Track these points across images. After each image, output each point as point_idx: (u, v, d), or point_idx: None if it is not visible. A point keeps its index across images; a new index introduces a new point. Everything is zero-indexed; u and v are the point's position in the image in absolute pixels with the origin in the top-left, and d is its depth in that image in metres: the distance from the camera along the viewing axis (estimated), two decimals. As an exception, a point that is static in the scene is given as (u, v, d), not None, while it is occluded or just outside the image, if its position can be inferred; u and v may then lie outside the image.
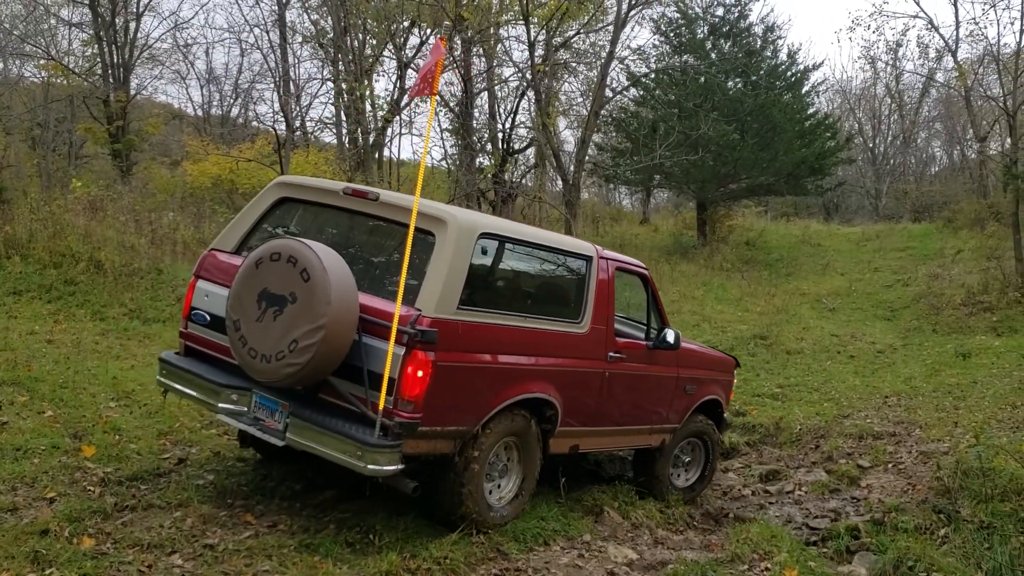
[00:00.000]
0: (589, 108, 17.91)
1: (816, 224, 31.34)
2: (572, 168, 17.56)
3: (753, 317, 17.91)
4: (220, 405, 5.31)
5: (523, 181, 24.96)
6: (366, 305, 5.02)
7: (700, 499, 7.97)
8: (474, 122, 22.64)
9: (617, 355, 6.54)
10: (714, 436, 8.07)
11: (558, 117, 22.41)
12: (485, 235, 5.47)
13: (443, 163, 23.58)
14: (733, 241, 26.29)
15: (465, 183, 20.34)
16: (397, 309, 4.88)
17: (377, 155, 21.92)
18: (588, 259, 6.40)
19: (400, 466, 4.91)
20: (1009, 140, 20.43)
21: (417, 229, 5.18)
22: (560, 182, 18.98)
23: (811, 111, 27.79)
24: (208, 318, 5.64)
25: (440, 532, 5.42)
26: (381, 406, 4.83)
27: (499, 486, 5.84)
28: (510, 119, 22.54)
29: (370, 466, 4.81)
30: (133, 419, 6.88)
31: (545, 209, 21.30)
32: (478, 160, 21.55)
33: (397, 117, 21.36)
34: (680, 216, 30.94)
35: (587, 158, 20.86)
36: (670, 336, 6.96)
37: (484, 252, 5.50)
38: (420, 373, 4.87)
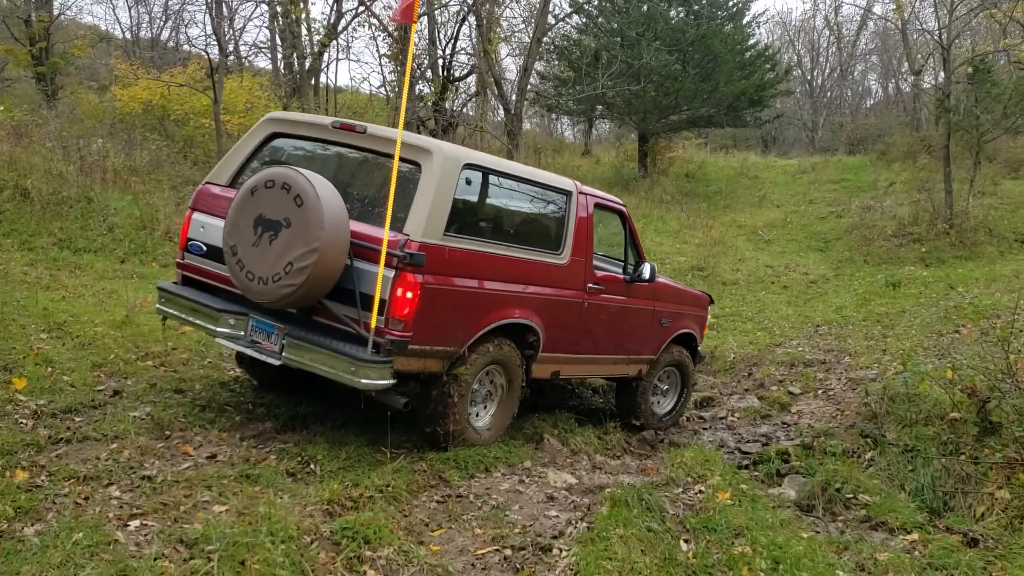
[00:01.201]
0: (531, 35, 17.64)
1: (754, 157, 31.64)
2: (514, 97, 17.35)
3: (691, 249, 18.14)
4: (218, 329, 5.58)
5: (464, 110, 24.64)
6: (356, 231, 5.25)
7: (661, 427, 8.15)
8: (414, 48, 22.17)
9: (595, 286, 6.83)
10: (689, 366, 8.42)
11: (499, 44, 22.09)
12: (469, 166, 5.72)
13: (382, 90, 23.12)
14: (673, 173, 26.43)
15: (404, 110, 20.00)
16: (386, 233, 5.11)
17: (313, 81, 21.39)
18: (568, 194, 6.66)
19: (392, 381, 5.20)
20: (943, 74, 20.77)
21: (404, 160, 5.42)
22: (502, 111, 18.77)
23: (751, 42, 27.80)
24: (204, 248, 5.90)
25: (381, 461, 5.45)
26: (373, 325, 5.10)
27: (483, 409, 6.21)
28: (450, 45, 22.14)
29: (363, 380, 5.08)
30: (66, 351, 6.73)
31: (487, 139, 21.09)
32: (418, 87, 21.16)
33: (334, 42, 20.80)
34: (622, 148, 30.91)
35: (529, 87, 20.63)
36: (646, 271, 7.28)
37: (468, 183, 5.73)
38: (409, 294, 5.16)
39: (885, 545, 5.15)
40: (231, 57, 21.41)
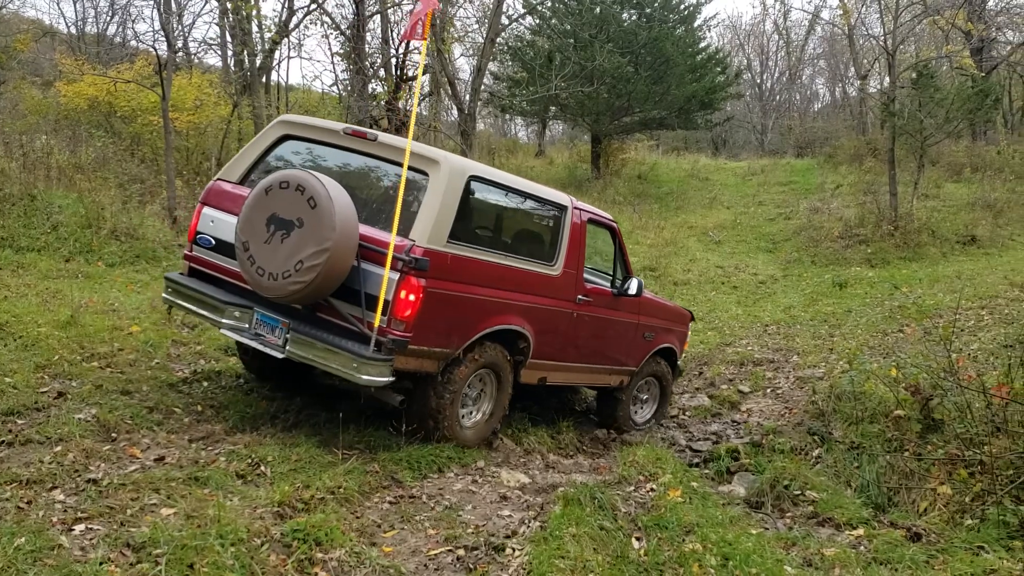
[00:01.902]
0: (485, 35, 17.64)
1: (704, 159, 32.02)
2: (468, 97, 17.34)
3: (643, 249, 18.28)
4: (223, 321, 5.83)
5: (418, 109, 24.53)
6: (365, 234, 5.48)
7: (612, 426, 8.20)
8: (366, 46, 22.02)
9: (585, 298, 7.10)
10: (668, 377, 8.71)
11: (453, 44, 22.01)
12: (474, 178, 5.98)
13: (333, 88, 22.93)
14: (626, 175, 26.63)
15: (357, 109, 19.86)
16: (392, 238, 5.37)
17: (265, 79, 21.13)
18: (563, 208, 6.92)
19: (391, 378, 5.44)
20: (888, 79, 21.19)
21: (413, 168, 5.68)
22: (455, 111, 18.75)
23: (702, 46, 28.13)
24: (213, 242, 6.10)
25: (333, 462, 5.40)
26: (376, 324, 5.34)
27: (473, 411, 6.44)
28: (404, 44, 22.00)
29: (364, 377, 5.33)
30: (8, 352, 6.56)
31: (440, 139, 21.02)
32: (370, 86, 21.02)
33: (285, 39, 20.58)
34: (575, 149, 31.08)
35: (483, 87, 20.61)
36: (633, 286, 7.55)
37: (472, 193, 6.00)
38: (412, 297, 5.41)
39: (832, 540, 5.24)
40: (180, 54, 21.08)
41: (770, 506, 6.02)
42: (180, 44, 21.87)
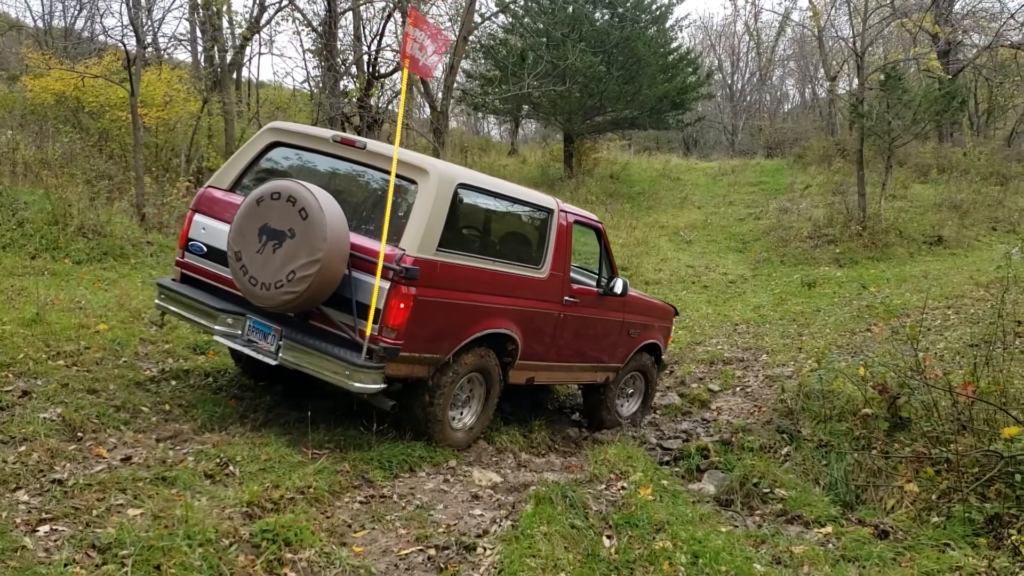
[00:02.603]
0: (457, 33, 17.58)
1: (676, 159, 32.17)
2: (440, 95, 17.29)
3: (615, 249, 18.30)
4: (216, 327, 5.88)
5: (390, 107, 24.43)
6: (356, 243, 5.54)
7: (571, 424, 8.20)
8: (338, 43, 21.89)
9: (571, 299, 7.18)
10: (653, 371, 8.83)
11: (425, 42, 21.92)
12: (462, 185, 6.02)
13: (305, 85, 22.76)
14: (598, 174, 26.69)
15: (329, 107, 19.73)
16: (383, 247, 5.45)
17: (235, 75, 20.97)
18: (549, 211, 6.99)
19: (383, 385, 5.53)
20: (857, 80, 21.40)
21: (401, 177, 5.76)
22: (428, 109, 18.71)
23: (674, 46, 28.25)
24: (205, 249, 6.16)
25: (303, 462, 5.36)
26: (368, 332, 5.41)
27: (462, 413, 6.55)
28: (376, 41, 21.91)
29: (356, 384, 5.41)
30: (-30, 350, 6.46)
31: (413, 137, 20.95)
32: (342, 83, 20.89)
33: (256, 35, 20.41)
34: (548, 148, 31.10)
35: (455, 85, 20.57)
36: (618, 286, 7.64)
37: (461, 201, 6.04)
38: (402, 305, 5.48)
39: (800, 538, 5.28)
40: (149, 49, 20.85)
41: (739, 504, 6.06)
42: (149, 39, 21.63)
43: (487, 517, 4.95)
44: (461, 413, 6.54)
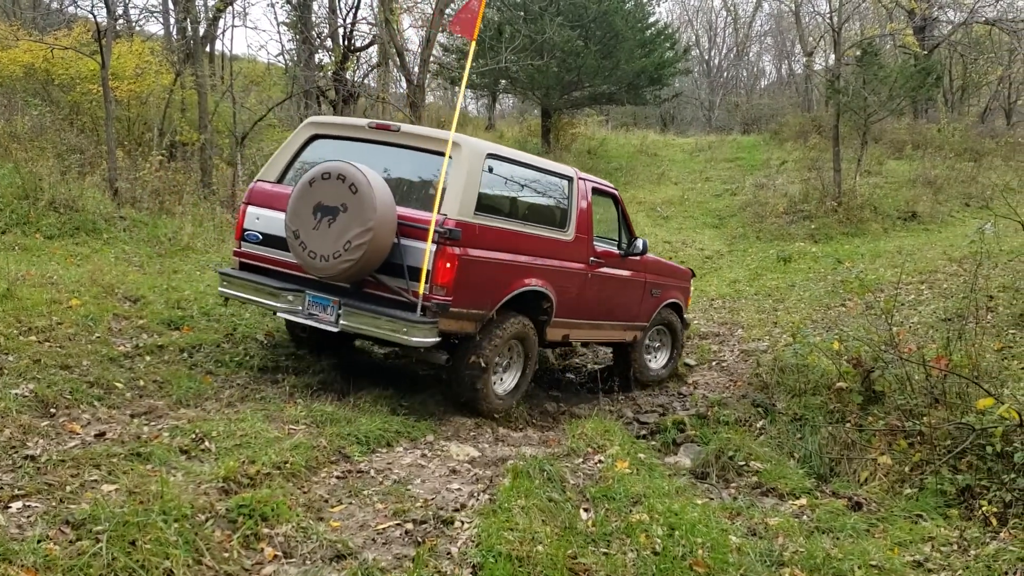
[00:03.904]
0: (433, 5, 17.41)
1: (653, 135, 32.14)
2: (416, 68, 17.13)
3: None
4: (279, 305, 6.49)
5: (366, 81, 24.22)
6: (401, 214, 6.11)
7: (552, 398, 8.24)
8: (313, 16, 21.65)
9: (596, 260, 7.76)
10: (678, 325, 9.35)
11: (402, 14, 21.73)
12: (491, 155, 6.63)
13: (280, 59, 22.51)
14: (576, 149, 26.63)
15: (304, 80, 19.54)
16: (434, 214, 6.03)
17: (209, 48, 20.66)
18: (570, 179, 7.56)
19: (438, 339, 6.11)
20: (833, 56, 21.44)
21: (436, 152, 6.39)
22: (404, 83, 18.54)
23: (651, 20, 28.16)
24: (260, 237, 6.76)
25: (279, 437, 5.33)
26: (421, 291, 5.98)
27: (502, 379, 7.08)
28: (351, 14, 21.68)
29: (414, 339, 6.00)
30: (-61, 326, 6.36)
31: (389, 111, 20.77)
32: (317, 57, 20.69)
33: (230, 7, 20.11)
34: (525, 123, 30.99)
35: (432, 58, 20.40)
36: (639, 244, 8.24)
37: (491, 170, 6.62)
38: (449, 264, 6.05)
39: (775, 510, 5.34)
40: (120, 20, 20.47)
41: (715, 477, 6.11)
42: (120, 10, 21.22)
43: (465, 491, 4.95)
44: (502, 379, 7.04)
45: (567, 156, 25.32)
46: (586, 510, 4.85)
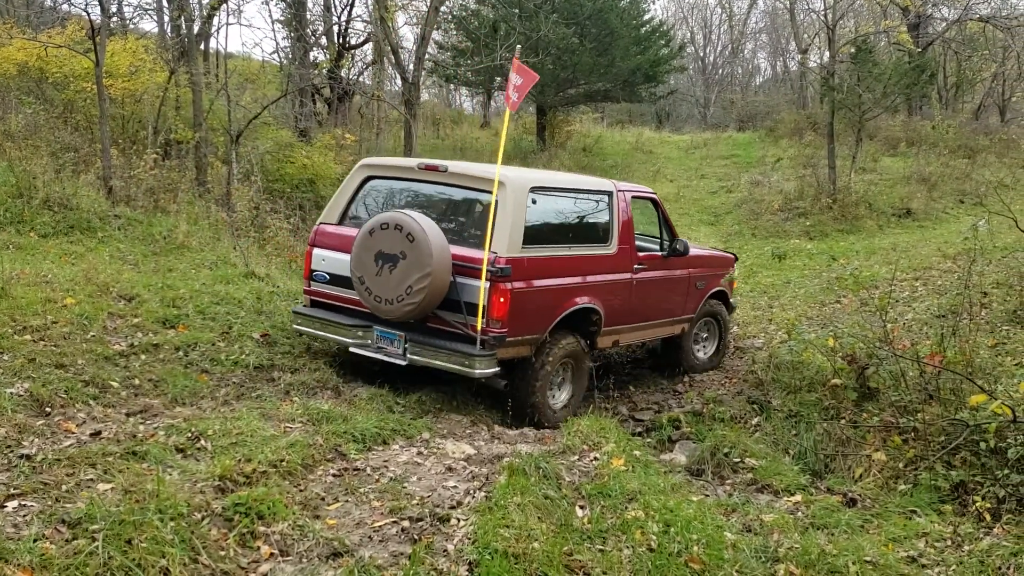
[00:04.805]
0: (429, 3, 17.40)
1: (648, 132, 32.13)
2: (411, 66, 17.11)
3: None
4: (350, 341, 6.98)
5: (361, 78, 24.21)
6: (455, 253, 6.54)
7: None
8: (308, 13, 21.63)
9: (640, 266, 8.03)
10: (725, 314, 9.60)
11: (397, 12, 21.72)
12: (534, 188, 6.99)
13: (274, 56, 22.47)
14: (571, 147, 26.62)
15: (299, 78, 19.51)
16: (486, 254, 6.47)
17: (203, 45, 20.59)
18: (609, 194, 7.83)
19: (497, 369, 6.60)
20: (828, 53, 21.45)
21: (482, 191, 6.78)
22: (399, 81, 18.52)
23: (647, 18, 28.14)
24: (328, 277, 7.25)
25: (275, 435, 5.33)
26: (479, 327, 6.42)
27: (557, 394, 7.43)
28: (346, 12, 21.69)
29: (477, 371, 6.45)
30: (-67, 325, 6.34)
31: (384, 108, 20.76)
32: (312, 54, 20.67)
33: (224, 5, 20.06)
34: (521, 121, 30.95)
35: (427, 56, 20.38)
36: (680, 246, 8.49)
37: (534, 202, 6.96)
38: (502, 299, 6.48)
39: (770, 507, 5.36)
40: (114, 18, 20.42)
41: (710, 473, 6.13)
42: (114, 8, 21.18)
43: (461, 489, 4.96)
44: (555, 394, 7.39)
45: (562, 154, 25.32)
46: (582, 507, 4.86)
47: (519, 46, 9.45)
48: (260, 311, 8.33)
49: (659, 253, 8.44)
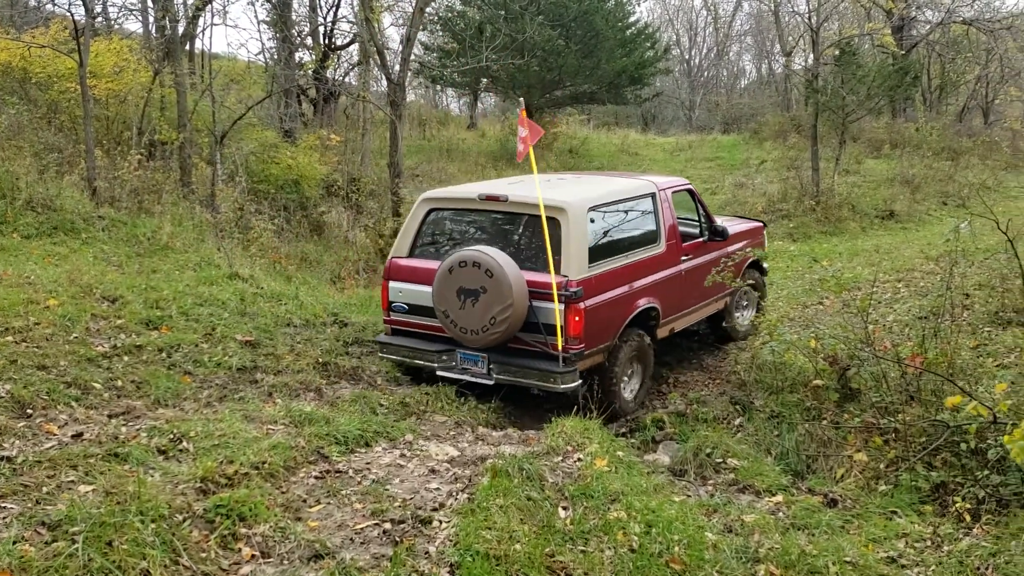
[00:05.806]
0: (414, 4, 17.39)
1: (634, 134, 32.22)
2: (397, 67, 17.10)
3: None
4: (436, 365, 7.46)
5: (346, 79, 24.16)
6: (529, 279, 6.96)
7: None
8: (293, 14, 21.58)
9: (686, 257, 8.57)
10: (761, 281, 10.19)
11: (382, 13, 21.70)
12: (591, 208, 7.42)
13: (260, 57, 22.39)
14: (557, 149, 26.64)
15: (284, 79, 19.47)
16: (553, 279, 6.91)
17: (188, 46, 20.50)
18: (653, 194, 8.29)
19: (579, 382, 7.08)
20: (812, 56, 21.57)
21: (547, 218, 7.03)
22: (385, 82, 18.49)
23: (632, 20, 28.22)
24: (407, 307, 7.67)
25: (257, 437, 5.32)
26: (560, 346, 6.92)
27: (628, 385, 7.90)
28: (332, 13, 21.66)
29: (562, 386, 6.97)
30: (-87, 327, 6.30)
31: (369, 109, 20.72)
32: (298, 55, 20.62)
33: (209, 5, 19.99)
34: (507, 122, 30.91)
35: (413, 57, 20.37)
36: (722, 229, 9.03)
37: (593, 221, 7.42)
38: (577, 318, 6.96)
39: (752, 507, 5.38)
40: (98, 18, 20.33)
41: (693, 474, 6.14)
42: (99, 8, 21.07)
43: (443, 491, 4.96)
44: (627, 386, 7.86)
45: (548, 155, 25.32)
46: (564, 508, 4.87)
47: (521, 99, 10.06)
48: (244, 312, 8.31)
49: (699, 239, 8.87)
